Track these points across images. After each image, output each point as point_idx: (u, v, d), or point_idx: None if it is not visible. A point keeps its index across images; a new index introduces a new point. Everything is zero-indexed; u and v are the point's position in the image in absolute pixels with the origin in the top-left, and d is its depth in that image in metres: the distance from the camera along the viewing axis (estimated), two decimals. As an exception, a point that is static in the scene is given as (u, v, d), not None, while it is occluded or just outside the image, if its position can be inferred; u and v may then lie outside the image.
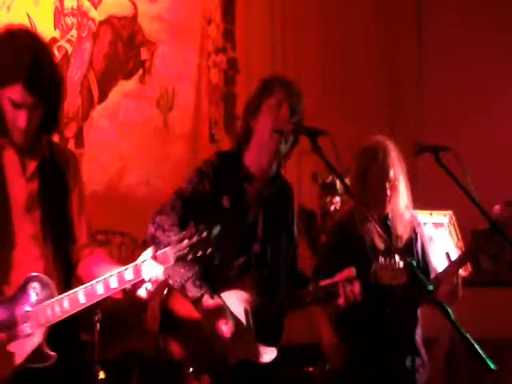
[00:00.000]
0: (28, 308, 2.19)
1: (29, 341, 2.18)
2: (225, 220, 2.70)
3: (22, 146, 2.30)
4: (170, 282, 2.69)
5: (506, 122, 5.03)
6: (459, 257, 3.12)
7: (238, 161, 2.86)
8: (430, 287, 2.50)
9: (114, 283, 2.18)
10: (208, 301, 2.66)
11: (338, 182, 3.98)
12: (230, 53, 4.91)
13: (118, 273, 2.18)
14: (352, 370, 3.09)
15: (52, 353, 2.18)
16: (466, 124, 5.05)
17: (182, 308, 2.73)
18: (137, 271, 2.18)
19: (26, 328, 2.18)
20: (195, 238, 2.21)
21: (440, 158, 3.00)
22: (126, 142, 4.49)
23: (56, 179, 2.33)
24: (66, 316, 2.18)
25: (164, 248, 2.25)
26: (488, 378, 2.48)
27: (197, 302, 2.68)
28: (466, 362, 3.95)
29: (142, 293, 2.20)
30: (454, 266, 3.02)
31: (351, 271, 2.74)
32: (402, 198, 3.12)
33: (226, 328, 2.63)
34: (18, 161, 2.30)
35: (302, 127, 2.78)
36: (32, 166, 2.31)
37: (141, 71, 4.61)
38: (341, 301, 2.73)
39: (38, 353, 2.17)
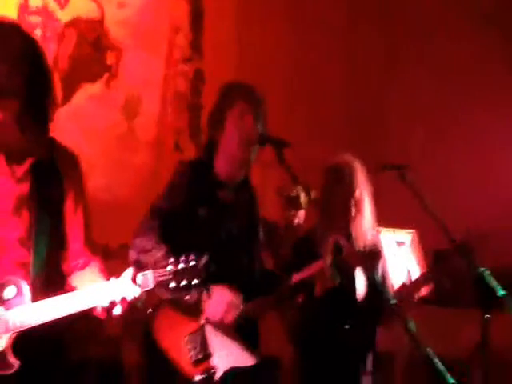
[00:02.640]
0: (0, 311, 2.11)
1: None
2: (201, 229, 2.70)
3: (7, 146, 2.20)
4: (162, 295, 2.61)
5: (470, 141, 5.10)
6: (420, 276, 3.15)
7: (209, 169, 2.85)
8: (393, 301, 2.53)
9: (88, 302, 2.12)
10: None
11: (302, 196, 3.99)
12: (197, 63, 4.89)
13: (94, 291, 2.13)
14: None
15: (15, 361, 2.09)
16: (429, 143, 5.11)
17: (166, 339, 2.72)
18: (114, 292, 2.12)
19: None
20: (181, 266, 2.13)
21: (405, 175, 3.03)
22: (88, 146, 4.41)
23: (51, 181, 2.24)
24: (35, 325, 2.09)
25: (151, 269, 2.18)
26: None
27: (198, 304, 2.68)
28: (423, 378, 3.98)
29: (116, 311, 2.13)
30: (415, 284, 3.05)
31: (322, 263, 2.77)
32: (366, 218, 3.14)
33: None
34: (4, 162, 2.21)
35: (268, 137, 2.78)
36: (23, 167, 2.22)
37: (106, 75, 4.56)
38: (317, 290, 2.75)
39: (0, 359, 2.08)
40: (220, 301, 2.69)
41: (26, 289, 2.13)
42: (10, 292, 2.11)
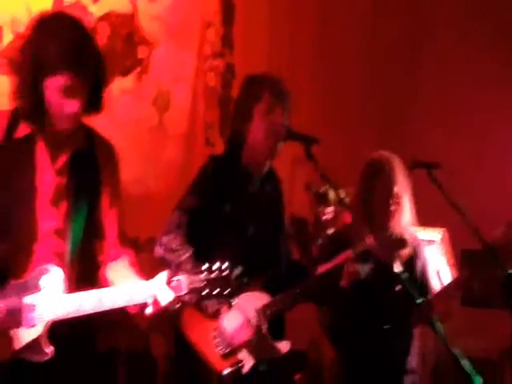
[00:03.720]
0: (35, 298, 2.13)
1: (29, 331, 2.12)
2: (229, 223, 2.72)
3: (55, 137, 2.22)
4: (186, 298, 2.67)
5: (498, 139, 5.05)
6: (454, 281, 3.12)
7: (236, 163, 2.85)
8: (419, 300, 2.52)
9: (122, 301, 2.14)
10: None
11: (331, 192, 3.97)
12: (228, 57, 4.90)
13: (129, 291, 2.15)
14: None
15: (48, 350, 2.11)
16: (458, 140, 5.06)
17: (194, 333, 2.73)
18: (148, 294, 2.14)
19: (29, 318, 2.11)
20: (215, 274, 2.13)
21: (433, 174, 3.01)
22: (119, 139, 4.43)
23: (89, 173, 2.26)
24: (68, 317, 2.12)
25: (175, 268, 2.19)
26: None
27: (216, 314, 2.70)
28: (452, 379, 3.96)
29: (148, 311, 2.15)
30: (449, 289, 3.02)
31: (349, 253, 2.77)
32: (405, 214, 3.10)
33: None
34: (47, 152, 2.23)
35: (295, 133, 2.77)
36: (64, 158, 2.24)
37: (138, 69, 4.59)
38: (344, 282, 2.75)
39: (34, 345, 2.11)
40: (236, 320, 2.70)
41: (62, 278, 2.16)
42: (46, 280, 2.14)
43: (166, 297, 2.13)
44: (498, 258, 2.83)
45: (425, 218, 3.56)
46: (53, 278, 2.14)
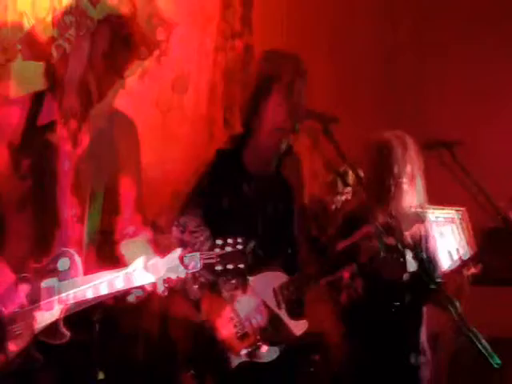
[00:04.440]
0: (54, 282, 2.18)
1: (48, 314, 2.17)
2: (247, 204, 2.73)
3: (78, 120, 2.26)
4: (202, 278, 2.64)
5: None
6: (468, 259, 3.12)
7: (253, 142, 2.85)
8: (437, 279, 2.53)
9: (137, 280, 2.18)
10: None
11: (349, 173, 3.97)
12: (247, 38, 4.88)
13: (143, 268, 2.18)
14: (355, 364, 3.10)
15: (67, 332, 2.16)
16: (472, 121, 5.02)
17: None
18: (161, 271, 2.17)
19: (48, 301, 2.17)
20: (229, 249, 2.14)
21: (453, 153, 3.01)
22: (138, 121, 4.46)
23: (107, 153, 2.30)
24: (87, 299, 2.17)
25: (192, 249, 2.21)
26: (492, 375, 2.52)
27: (198, 303, 2.72)
28: (470, 359, 3.96)
29: (159, 289, 2.19)
30: (461, 265, 3.02)
31: (369, 228, 2.77)
32: (417, 194, 3.11)
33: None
34: (68, 140, 2.28)
35: (315, 113, 2.76)
36: (84, 145, 2.28)
37: (157, 51, 4.59)
38: (363, 258, 2.82)
39: (52, 328, 2.16)
40: (250, 305, 2.72)
41: (80, 262, 2.19)
42: (64, 264, 2.18)
43: (179, 273, 2.16)
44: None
45: (445, 197, 3.55)
46: (71, 262, 2.18)
